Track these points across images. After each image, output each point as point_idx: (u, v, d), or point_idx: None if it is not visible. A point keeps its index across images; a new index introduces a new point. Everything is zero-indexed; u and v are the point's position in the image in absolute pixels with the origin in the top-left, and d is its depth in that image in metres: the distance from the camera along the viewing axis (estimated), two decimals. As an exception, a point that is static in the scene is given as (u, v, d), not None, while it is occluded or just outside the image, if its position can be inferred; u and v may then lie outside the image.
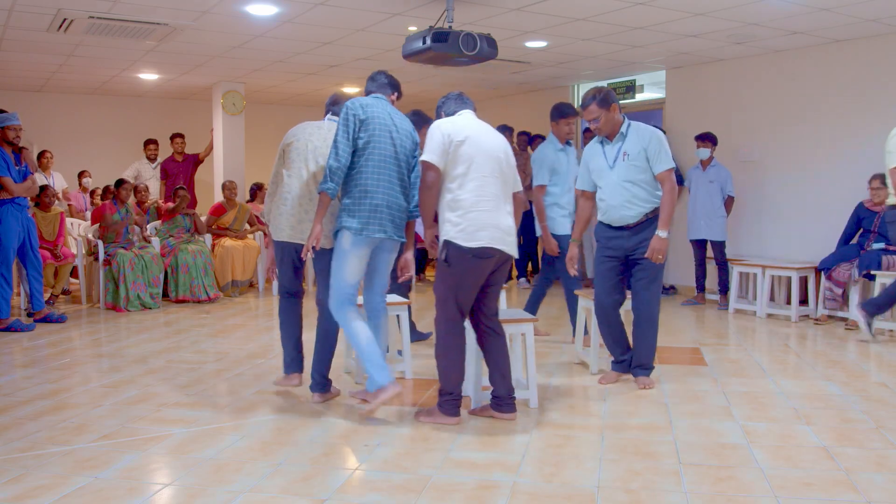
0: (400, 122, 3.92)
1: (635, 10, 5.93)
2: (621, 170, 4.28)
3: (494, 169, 3.68)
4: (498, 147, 3.76)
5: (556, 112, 5.56)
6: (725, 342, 5.88)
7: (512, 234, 3.74)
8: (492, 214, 3.64)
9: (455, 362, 3.74)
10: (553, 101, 6.11)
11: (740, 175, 7.74)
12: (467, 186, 3.63)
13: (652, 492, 2.91)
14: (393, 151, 3.83)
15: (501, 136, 3.87)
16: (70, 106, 10.55)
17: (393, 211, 3.84)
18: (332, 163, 3.73)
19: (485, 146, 3.69)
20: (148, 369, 4.91)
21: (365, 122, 3.78)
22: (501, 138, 3.84)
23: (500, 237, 3.66)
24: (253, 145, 10.51)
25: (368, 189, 3.76)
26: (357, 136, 3.77)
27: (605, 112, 4.25)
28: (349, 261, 3.81)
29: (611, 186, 4.32)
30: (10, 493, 2.89)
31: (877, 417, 3.86)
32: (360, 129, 3.76)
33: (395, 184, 3.85)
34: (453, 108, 3.90)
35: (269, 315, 7.15)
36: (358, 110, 3.78)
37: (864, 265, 6.23)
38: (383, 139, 3.81)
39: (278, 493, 2.91)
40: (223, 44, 7.29)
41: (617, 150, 4.30)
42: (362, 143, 3.77)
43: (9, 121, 6.25)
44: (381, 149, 3.80)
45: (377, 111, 3.83)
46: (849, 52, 6.96)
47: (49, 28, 6.45)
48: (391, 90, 4.02)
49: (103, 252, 7.39)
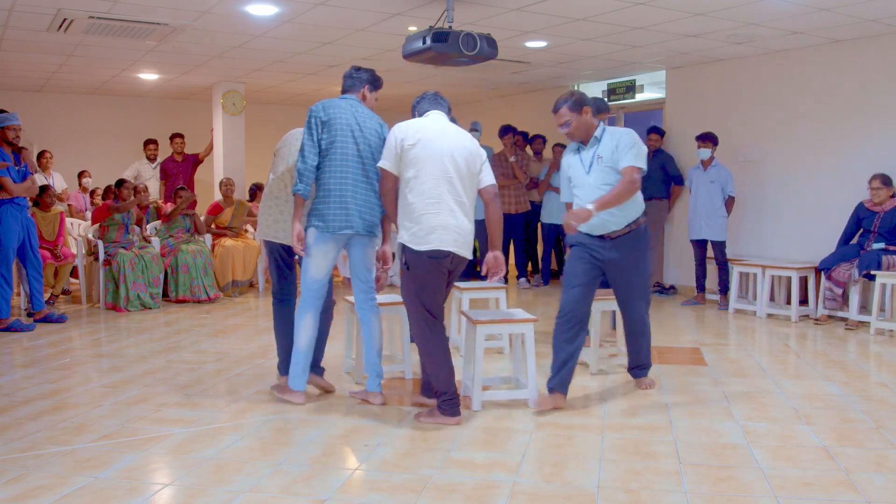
0: (364, 120, 4.00)
1: (635, 10, 5.93)
2: (597, 174, 4.04)
3: (446, 171, 3.70)
4: (453, 148, 3.74)
5: None
6: (725, 342, 5.88)
7: (466, 234, 3.76)
8: (441, 217, 3.67)
9: (441, 362, 3.77)
10: (553, 101, 6.08)
11: (740, 175, 7.74)
12: (416, 190, 3.69)
13: (652, 492, 2.91)
14: (356, 150, 3.92)
15: (465, 137, 3.84)
16: (70, 106, 10.55)
17: (360, 207, 3.94)
18: (300, 165, 3.87)
19: (436, 148, 3.70)
20: (148, 369, 4.91)
21: (327, 123, 3.89)
22: (463, 140, 3.81)
23: (451, 238, 3.69)
24: (253, 145, 10.51)
25: (332, 188, 3.89)
26: (320, 138, 3.89)
27: (576, 116, 4.02)
28: (313, 257, 3.95)
29: (588, 192, 4.04)
30: (10, 493, 2.90)
31: (877, 417, 3.86)
32: (322, 130, 3.89)
33: (360, 181, 3.94)
34: (425, 108, 3.97)
35: (269, 315, 7.10)
36: (320, 112, 3.90)
37: (864, 265, 6.23)
38: (345, 139, 3.90)
39: (278, 493, 2.91)
40: (223, 44, 7.29)
41: (592, 155, 4.07)
42: (325, 143, 3.90)
43: (9, 121, 6.25)
44: (343, 148, 3.90)
45: (339, 112, 3.93)
46: (849, 52, 6.96)
47: (49, 28, 6.45)
48: (361, 85, 4.10)
49: (103, 252, 7.39)
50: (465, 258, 3.79)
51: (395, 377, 4.70)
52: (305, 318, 4.04)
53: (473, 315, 4.18)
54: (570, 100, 4.03)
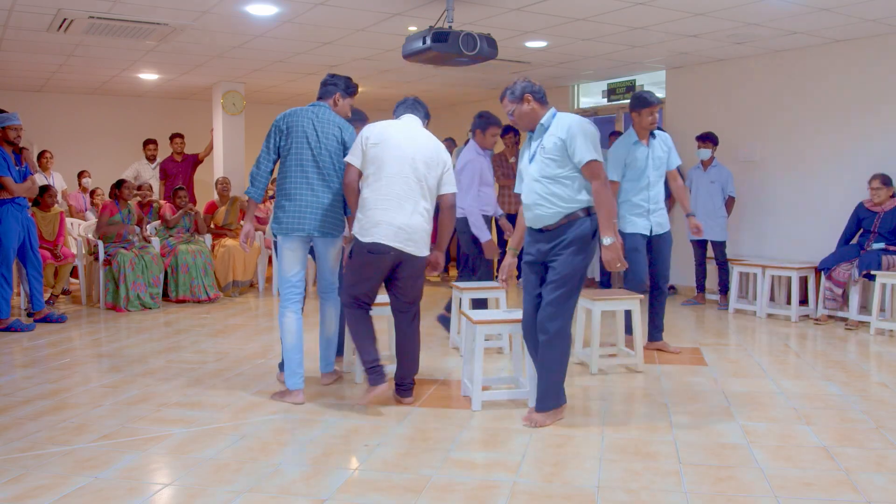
0: (323, 126, 4.19)
1: (635, 10, 5.93)
2: (538, 164, 3.79)
3: (404, 171, 3.92)
4: (414, 152, 3.95)
5: (637, 101, 5.15)
6: (725, 342, 5.89)
7: (414, 233, 3.93)
8: (390, 213, 3.89)
9: (363, 335, 4.04)
10: (553, 101, 6.06)
11: (740, 175, 7.74)
12: (372, 186, 3.93)
13: (652, 492, 2.91)
14: (310, 156, 4.14)
15: (431, 143, 4.04)
16: (70, 106, 10.55)
17: (315, 210, 4.14)
18: (253, 170, 4.20)
19: (397, 150, 3.93)
20: (148, 369, 4.91)
21: (285, 131, 4.16)
22: (428, 145, 4.02)
23: (394, 234, 3.88)
24: (253, 145, 10.46)
25: (288, 192, 4.14)
26: (279, 146, 4.18)
27: (517, 105, 3.81)
28: (282, 255, 4.20)
29: (528, 183, 3.83)
30: (10, 493, 2.90)
31: (877, 417, 3.86)
32: (280, 138, 4.17)
33: (317, 185, 4.15)
34: (401, 112, 4.21)
35: (269, 315, 7.15)
36: (280, 122, 4.18)
37: (864, 265, 6.23)
38: (300, 146, 4.14)
39: (278, 493, 2.91)
40: (223, 44, 7.29)
41: (537, 145, 3.84)
42: (284, 151, 4.18)
43: (9, 121, 6.25)
44: (299, 155, 4.14)
45: (298, 119, 4.17)
46: (849, 52, 6.96)
47: (49, 28, 6.45)
48: (333, 92, 4.31)
49: (103, 252, 7.38)
50: (414, 255, 3.96)
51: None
52: (287, 317, 4.17)
53: (473, 315, 4.18)
54: (511, 88, 3.85)
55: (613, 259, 3.68)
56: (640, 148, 5.17)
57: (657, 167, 5.22)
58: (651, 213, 5.23)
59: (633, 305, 4.88)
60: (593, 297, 4.88)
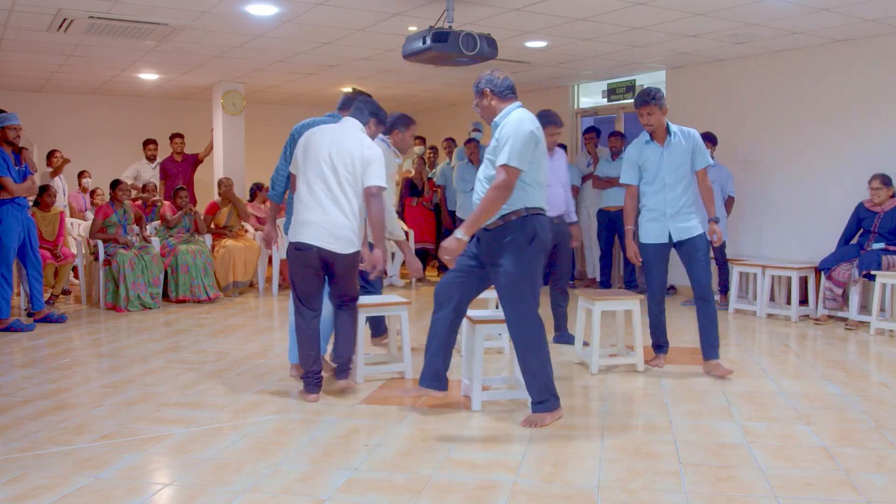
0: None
1: (635, 10, 5.93)
2: (483, 165, 3.77)
3: (320, 170, 4.01)
4: (331, 149, 4.00)
5: (635, 101, 4.84)
6: (725, 342, 5.88)
7: (337, 230, 3.99)
8: (311, 212, 3.99)
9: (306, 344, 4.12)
10: (553, 101, 6.09)
11: (740, 175, 7.74)
12: (298, 187, 4.09)
13: (652, 492, 2.91)
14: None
15: (353, 141, 4.03)
16: (70, 106, 10.54)
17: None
18: (273, 174, 4.49)
19: (315, 150, 4.03)
20: (148, 369, 4.91)
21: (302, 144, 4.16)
22: (349, 143, 4.02)
23: (316, 233, 3.98)
24: (253, 145, 10.50)
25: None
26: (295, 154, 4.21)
27: (478, 99, 3.79)
28: None
29: (478, 185, 3.79)
30: (10, 493, 2.90)
31: (877, 417, 3.86)
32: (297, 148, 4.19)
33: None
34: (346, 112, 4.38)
35: (269, 315, 7.15)
36: (297, 133, 4.37)
37: (864, 265, 6.23)
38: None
39: (278, 493, 2.91)
40: (223, 44, 7.29)
41: None
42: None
43: (9, 121, 6.25)
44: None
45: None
46: (849, 52, 6.96)
47: (49, 28, 6.45)
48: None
49: (103, 252, 7.38)
50: (339, 253, 4.02)
51: (394, 377, 4.70)
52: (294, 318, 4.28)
53: (473, 315, 4.18)
54: (476, 80, 3.81)
55: (450, 251, 3.61)
56: (651, 148, 4.77)
57: (676, 168, 4.71)
58: (669, 217, 4.73)
59: (633, 305, 4.87)
60: (593, 297, 4.88)
